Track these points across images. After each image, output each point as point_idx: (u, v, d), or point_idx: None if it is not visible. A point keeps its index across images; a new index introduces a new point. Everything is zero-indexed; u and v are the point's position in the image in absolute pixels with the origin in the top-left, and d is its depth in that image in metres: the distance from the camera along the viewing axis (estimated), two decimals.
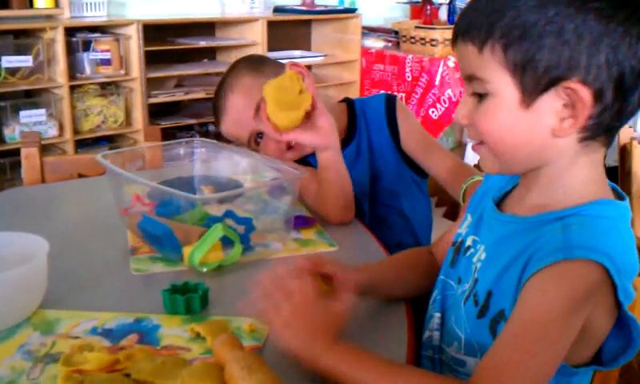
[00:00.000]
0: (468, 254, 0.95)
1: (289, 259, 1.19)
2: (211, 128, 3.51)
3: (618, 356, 0.85)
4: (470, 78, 0.84)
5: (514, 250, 0.84)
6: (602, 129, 0.81)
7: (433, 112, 3.49)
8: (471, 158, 3.61)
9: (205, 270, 1.12)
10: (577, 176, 0.83)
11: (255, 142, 1.47)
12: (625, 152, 1.90)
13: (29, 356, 0.88)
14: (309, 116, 1.27)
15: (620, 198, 0.86)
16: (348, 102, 1.56)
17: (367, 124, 1.50)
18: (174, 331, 0.95)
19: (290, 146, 1.44)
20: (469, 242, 0.96)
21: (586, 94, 0.76)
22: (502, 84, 0.80)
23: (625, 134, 1.92)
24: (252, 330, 0.95)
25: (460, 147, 4.06)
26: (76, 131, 3.05)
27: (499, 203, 0.94)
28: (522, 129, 0.81)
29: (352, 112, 1.52)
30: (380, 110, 1.51)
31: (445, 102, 3.46)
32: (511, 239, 0.86)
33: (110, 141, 3.20)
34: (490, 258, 0.89)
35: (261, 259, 1.20)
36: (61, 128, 3.02)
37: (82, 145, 3.10)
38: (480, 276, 0.89)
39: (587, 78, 0.76)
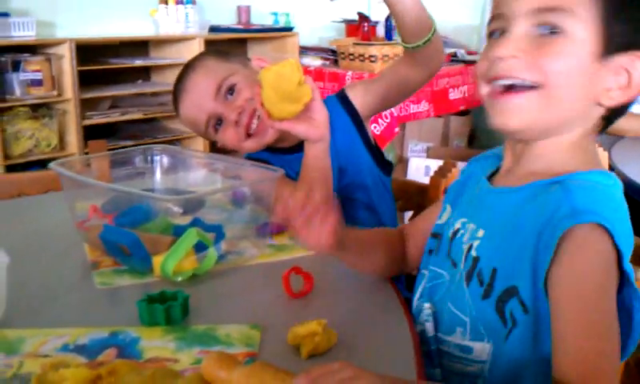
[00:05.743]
0: (457, 236, 0.91)
1: (267, 265, 1.13)
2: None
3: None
4: (545, 9, 0.78)
5: (514, 221, 0.82)
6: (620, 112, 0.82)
7: (375, 128, 3.48)
8: (413, 173, 3.61)
9: (179, 279, 1.04)
10: (575, 151, 0.83)
11: (213, 127, 1.41)
12: None
13: None
14: (305, 106, 1.21)
15: None
16: None
17: (331, 125, 1.45)
18: (156, 343, 0.86)
19: (249, 134, 1.38)
20: (457, 226, 0.93)
21: None
22: (585, 24, 0.76)
23: None
24: (243, 335, 0.87)
25: (401, 162, 4.06)
26: (6, 156, 2.88)
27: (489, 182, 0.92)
28: (586, 80, 0.78)
29: None
30: (339, 111, 1.48)
31: (386, 117, 3.46)
32: (509, 211, 0.84)
33: (42, 166, 3.03)
34: (490, 235, 0.86)
35: (236, 267, 1.13)
36: None
37: (13, 171, 2.93)
38: (482, 254, 0.85)
39: None
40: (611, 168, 1.71)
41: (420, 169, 3.45)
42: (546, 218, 0.76)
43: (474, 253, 0.86)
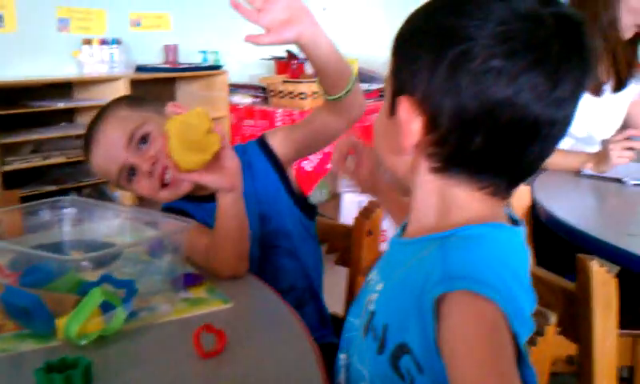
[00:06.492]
0: (367, 287, 0.89)
1: (180, 322, 1.08)
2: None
3: None
4: None
5: (403, 277, 0.79)
6: (449, 162, 0.75)
7: (307, 164, 3.47)
8: (347, 208, 3.61)
9: (83, 342, 0.98)
10: (450, 204, 0.78)
11: (126, 178, 1.36)
12: None
13: None
14: (214, 155, 1.17)
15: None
16: None
17: (252, 171, 1.42)
18: None
19: (164, 184, 1.34)
20: (372, 274, 0.91)
21: (404, 112, 0.75)
22: (387, 87, 0.81)
23: None
24: None
25: (335, 198, 4.06)
26: None
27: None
28: (387, 136, 0.82)
29: None
30: (260, 157, 1.46)
31: (318, 153, 3.45)
32: (402, 265, 0.81)
33: None
34: (386, 288, 0.84)
35: (147, 324, 1.07)
36: None
37: None
38: (377, 308, 0.83)
39: (425, 98, 0.74)
40: (533, 203, 1.73)
41: (354, 203, 3.46)
42: (423, 279, 0.73)
43: (371, 306, 0.84)
